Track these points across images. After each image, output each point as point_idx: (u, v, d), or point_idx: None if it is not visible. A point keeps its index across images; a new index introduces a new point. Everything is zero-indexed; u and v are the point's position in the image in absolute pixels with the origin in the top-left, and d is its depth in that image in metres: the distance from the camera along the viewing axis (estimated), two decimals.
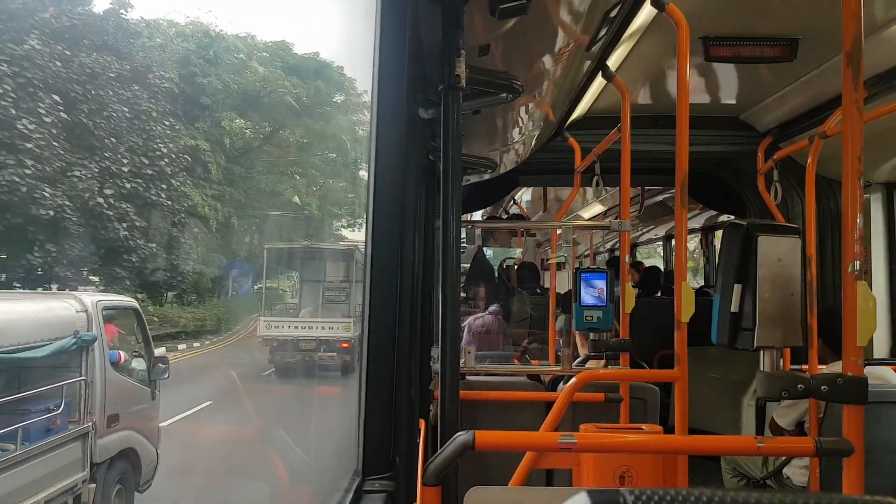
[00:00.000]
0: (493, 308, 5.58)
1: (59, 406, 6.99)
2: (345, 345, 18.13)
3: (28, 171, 17.82)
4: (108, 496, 7.30)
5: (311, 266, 21.11)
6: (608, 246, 13.28)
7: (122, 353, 8.26)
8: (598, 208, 9.38)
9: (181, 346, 21.68)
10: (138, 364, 8.45)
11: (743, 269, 1.87)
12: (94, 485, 7.10)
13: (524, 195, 9.32)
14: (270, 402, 16.74)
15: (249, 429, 13.18)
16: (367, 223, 1.87)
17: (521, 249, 11.33)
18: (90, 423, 7.11)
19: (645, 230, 11.00)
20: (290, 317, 20.34)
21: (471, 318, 5.45)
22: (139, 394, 8.15)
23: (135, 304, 9.31)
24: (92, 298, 7.84)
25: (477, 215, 8.84)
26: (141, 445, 7.91)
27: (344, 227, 37.28)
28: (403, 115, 1.90)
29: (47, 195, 18.20)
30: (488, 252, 11.75)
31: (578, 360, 3.69)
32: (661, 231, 10.70)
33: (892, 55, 3.20)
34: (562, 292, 5.17)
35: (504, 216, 9.29)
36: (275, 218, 33.05)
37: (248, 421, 13.80)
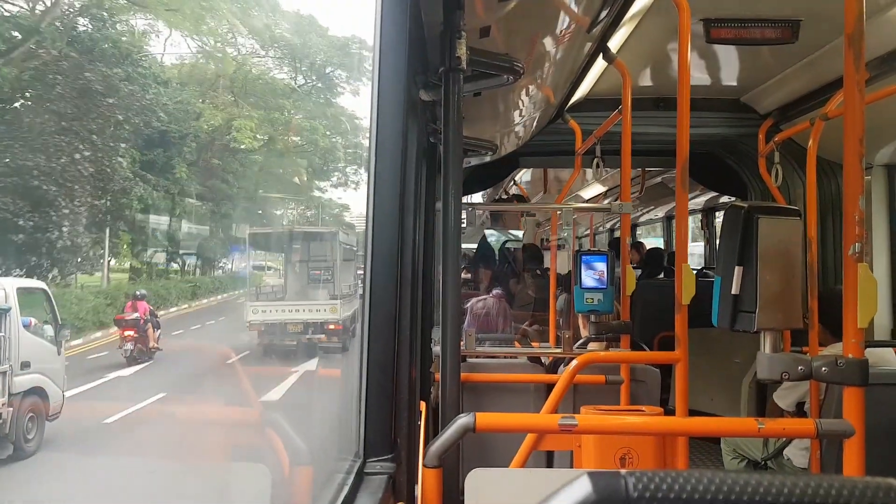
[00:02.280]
0: (496, 291, 5.57)
1: None
2: (333, 326, 17.96)
3: None
4: (22, 418, 10.14)
5: (295, 248, 21.41)
6: (608, 226, 13.24)
7: (32, 320, 11.07)
8: (598, 188, 9.37)
9: None
10: (49, 329, 11.35)
11: (744, 251, 1.87)
12: (11, 409, 9.91)
13: (524, 175, 9.30)
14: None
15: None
16: (367, 205, 1.87)
17: (522, 232, 11.31)
18: (8, 366, 9.93)
19: (645, 210, 10.99)
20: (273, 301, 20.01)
21: (473, 300, 5.43)
22: (47, 349, 11.04)
23: (43, 285, 12.91)
24: (10, 281, 11.17)
25: (477, 197, 8.83)
26: (48, 385, 10.61)
27: (332, 186, 32.61)
28: (404, 98, 1.89)
29: None
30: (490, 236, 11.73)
31: (579, 342, 3.70)
32: (660, 212, 10.68)
33: (893, 37, 3.17)
34: (562, 273, 5.17)
35: (504, 196, 9.26)
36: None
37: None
